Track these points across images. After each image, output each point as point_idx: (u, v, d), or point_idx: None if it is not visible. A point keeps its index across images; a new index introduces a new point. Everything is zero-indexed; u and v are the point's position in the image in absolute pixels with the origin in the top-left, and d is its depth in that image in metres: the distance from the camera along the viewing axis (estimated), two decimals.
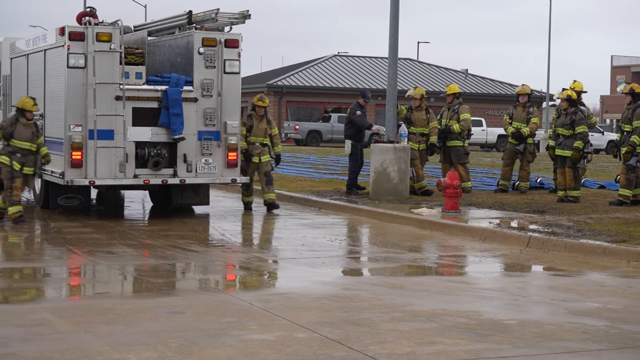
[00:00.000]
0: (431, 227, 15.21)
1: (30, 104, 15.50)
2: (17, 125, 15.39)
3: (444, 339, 7.74)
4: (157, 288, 10.16)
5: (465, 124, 19.80)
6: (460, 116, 19.82)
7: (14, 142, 15.39)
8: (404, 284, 10.54)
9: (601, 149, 51.81)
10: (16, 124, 15.40)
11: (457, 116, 19.84)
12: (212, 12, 16.22)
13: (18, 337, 7.60)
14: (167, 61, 17.13)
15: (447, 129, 19.78)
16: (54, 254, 12.63)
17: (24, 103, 15.52)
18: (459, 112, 19.91)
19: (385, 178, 18.38)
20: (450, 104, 20.12)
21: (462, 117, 19.83)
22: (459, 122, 19.74)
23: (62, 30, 15.65)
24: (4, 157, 15.41)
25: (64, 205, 16.58)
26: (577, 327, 8.30)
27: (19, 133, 15.38)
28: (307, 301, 9.25)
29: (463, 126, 19.76)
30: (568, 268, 11.78)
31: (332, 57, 67.17)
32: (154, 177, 16.02)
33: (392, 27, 19.17)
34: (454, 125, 19.70)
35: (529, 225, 14.58)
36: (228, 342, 7.56)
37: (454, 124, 19.71)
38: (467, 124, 19.86)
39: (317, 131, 53.31)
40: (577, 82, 19.18)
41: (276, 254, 12.83)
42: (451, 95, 20.13)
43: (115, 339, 7.60)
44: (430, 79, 64.85)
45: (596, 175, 26.35)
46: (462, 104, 20.19)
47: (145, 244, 13.51)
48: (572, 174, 18.06)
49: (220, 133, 16.30)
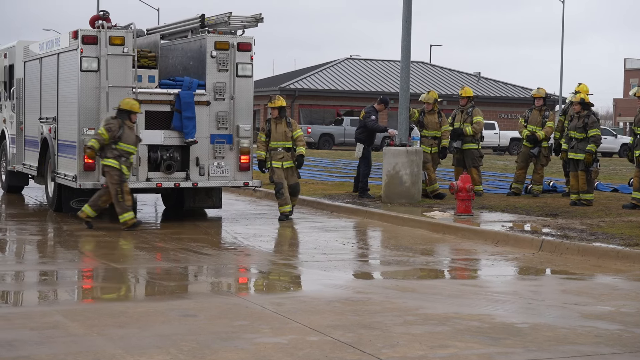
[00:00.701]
0: (443, 231, 15.19)
1: (137, 106, 15.06)
2: (124, 129, 14.97)
3: (456, 343, 7.73)
4: (170, 291, 10.18)
5: (477, 126, 19.80)
6: (473, 119, 19.82)
7: (121, 145, 14.95)
8: (416, 287, 10.53)
9: (614, 152, 51.68)
10: (123, 127, 14.98)
11: (470, 119, 19.83)
12: (224, 16, 16.24)
13: (32, 340, 7.62)
14: (180, 64, 17.17)
15: (460, 131, 19.77)
16: (66, 257, 12.67)
17: (132, 105, 15.00)
18: (472, 114, 19.90)
19: (398, 181, 18.36)
20: (464, 107, 20.10)
21: (475, 119, 19.82)
22: (472, 124, 19.74)
23: (76, 34, 15.71)
24: (113, 161, 14.97)
25: (77, 209, 16.59)
26: (590, 330, 8.28)
27: (126, 136, 14.98)
28: (320, 304, 9.25)
29: (475, 129, 19.76)
30: (581, 271, 11.75)
31: (344, 60, 67.19)
32: (167, 181, 16.06)
33: (405, 30, 19.15)
34: (467, 128, 19.69)
35: (541, 229, 14.54)
36: (240, 345, 7.57)
37: (467, 127, 19.71)
38: (479, 126, 19.85)
39: (330, 134, 53.33)
40: (582, 85, 19.16)
41: (288, 257, 12.83)
42: (465, 98, 20.11)
43: (127, 342, 7.61)
44: (443, 82, 64.79)
45: (609, 178, 26.27)
46: (475, 107, 20.19)
47: (158, 247, 13.53)
48: (585, 177, 18.01)
49: (232, 136, 16.33)
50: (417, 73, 64.82)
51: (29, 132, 19.00)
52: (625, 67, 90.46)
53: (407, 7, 19.08)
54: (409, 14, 19.12)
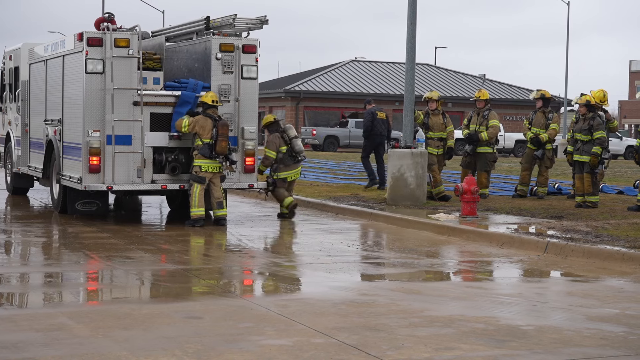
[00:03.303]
0: (448, 233, 15.18)
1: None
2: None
3: (461, 345, 7.72)
4: (175, 293, 10.18)
5: (493, 130, 19.72)
6: (489, 122, 19.75)
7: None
8: (422, 289, 10.52)
9: (620, 154, 51.64)
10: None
11: (486, 122, 19.76)
12: (229, 18, 16.24)
13: (37, 341, 7.63)
14: (185, 66, 17.18)
15: (475, 135, 19.69)
16: (71, 259, 12.67)
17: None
18: (488, 118, 19.84)
19: (403, 183, 18.35)
20: (481, 110, 20.02)
21: (491, 123, 19.75)
22: (487, 128, 19.68)
23: (81, 36, 15.72)
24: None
25: (82, 211, 16.62)
26: (595, 333, 8.27)
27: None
28: (325, 306, 9.24)
29: (491, 133, 19.69)
30: (586, 274, 11.73)
31: (349, 63, 67.19)
32: (172, 183, 16.07)
33: (410, 32, 19.16)
34: (482, 134, 19.62)
35: (547, 231, 14.53)
36: (245, 347, 7.56)
37: (483, 132, 19.63)
38: (495, 130, 19.77)
39: (335, 136, 53.32)
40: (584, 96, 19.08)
41: (293, 259, 12.82)
42: (483, 101, 20.03)
43: (133, 343, 7.62)
44: (448, 84, 64.77)
45: (615, 180, 26.24)
46: (491, 110, 20.13)
47: (163, 249, 13.54)
48: (591, 180, 17.99)
49: (237, 138, 16.33)
50: (422, 75, 64.79)
51: (34, 134, 19.02)
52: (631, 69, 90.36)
53: (412, 9, 19.08)
54: (414, 15, 19.12)
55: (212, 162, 15.62)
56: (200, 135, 15.54)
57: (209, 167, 15.64)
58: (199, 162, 15.60)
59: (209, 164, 15.62)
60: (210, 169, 15.65)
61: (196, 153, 15.63)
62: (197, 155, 15.61)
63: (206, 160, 15.58)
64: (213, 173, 15.69)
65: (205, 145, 15.53)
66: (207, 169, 15.62)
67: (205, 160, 15.58)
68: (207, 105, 15.58)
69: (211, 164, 15.62)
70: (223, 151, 15.55)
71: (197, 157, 15.62)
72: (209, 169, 15.64)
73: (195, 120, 15.59)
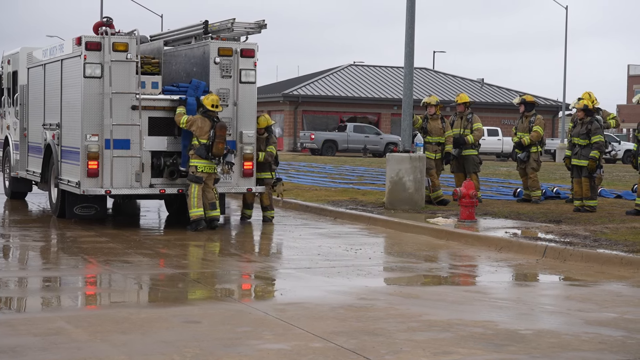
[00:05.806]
0: (447, 237, 15.18)
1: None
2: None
3: (460, 349, 7.72)
4: (173, 297, 10.18)
5: (478, 133, 19.90)
6: (474, 125, 19.87)
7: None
8: (420, 293, 10.52)
9: (618, 159, 51.67)
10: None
11: (470, 125, 19.86)
12: (228, 22, 16.26)
13: (35, 346, 7.62)
14: (183, 71, 17.18)
15: (461, 138, 19.79)
16: (70, 263, 12.66)
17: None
18: (472, 121, 19.93)
19: (401, 188, 18.36)
20: (462, 114, 20.10)
21: (475, 126, 19.89)
22: (472, 131, 19.79)
23: (79, 40, 15.72)
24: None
25: (80, 215, 16.61)
26: (593, 337, 8.27)
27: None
28: (323, 311, 9.24)
29: (477, 136, 19.86)
30: (584, 278, 11.73)
31: (347, 67, 67.25)
32: (170, 187, 16.07)
33: (408, 37, 19.18)
34: (469, 136, 19.72)
35: (545, 235, 14.53)
36: (244, 351, 7.56)
37: (469, 135, 19.73)
38: (480, 132, 19.99)
39: (333, 140, 53.37)
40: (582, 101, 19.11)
41: (292, 264, 12.82)
42: (462, 104, 20.12)
43: (131, 348, 7.61)
44: (447, 89, 64.82)
45: (613, 184, 26.26)
46: (473, 113, 20.24)
47: (161, 253, 13.53)
48: (589, 184, 18.00)
49: (236, 143, 16.33)
50: (421, 79, 64.87)
51: (33, 138, 19.01)
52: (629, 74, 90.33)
53: (411, 14, 19.10)
54: (413, 20, 19.14)
55: (208, 163, 15.62)
56: (197, 136, 15.55)
57: (204, 168, 15.63)
58: (195, 162, 15.60)
59: (204, 165, 15.61)
60: (206, 169, 15.65)
61: (192, 153, 15.63)
62: (193, 156, 15.61)
63: (202, 161, 15.58)
64: (208, 174, 15.69)
65: (202, 145, 15.53)
66: (203, 169, 15.62)
67: (202, 160, 15.58)
68: (207, 108, 15.59)
69: (207, 164, 15.62)
70: (219, 153, 15.55)
71: (193, 157, 15.62)
72: (205, 169, 15.64)
73: (194, 119, 15.59)
